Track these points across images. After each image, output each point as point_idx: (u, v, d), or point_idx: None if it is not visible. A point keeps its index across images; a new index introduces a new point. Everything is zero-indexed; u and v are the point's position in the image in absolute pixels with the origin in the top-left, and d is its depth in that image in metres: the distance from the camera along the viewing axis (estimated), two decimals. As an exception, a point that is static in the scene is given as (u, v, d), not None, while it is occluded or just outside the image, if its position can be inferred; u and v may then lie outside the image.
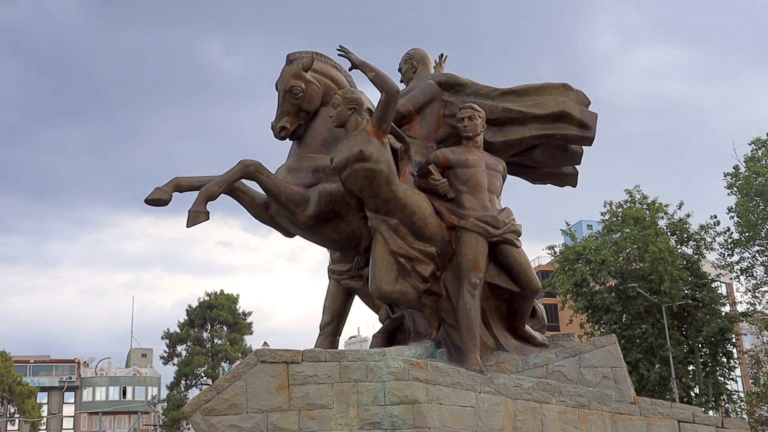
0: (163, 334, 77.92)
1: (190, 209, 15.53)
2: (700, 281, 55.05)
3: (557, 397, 15.51)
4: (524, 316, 16.95)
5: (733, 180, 53.67)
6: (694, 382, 54.86)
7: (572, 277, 54.29)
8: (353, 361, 14.55)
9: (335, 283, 17.35)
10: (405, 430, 14.01)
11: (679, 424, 15.93)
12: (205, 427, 14.17)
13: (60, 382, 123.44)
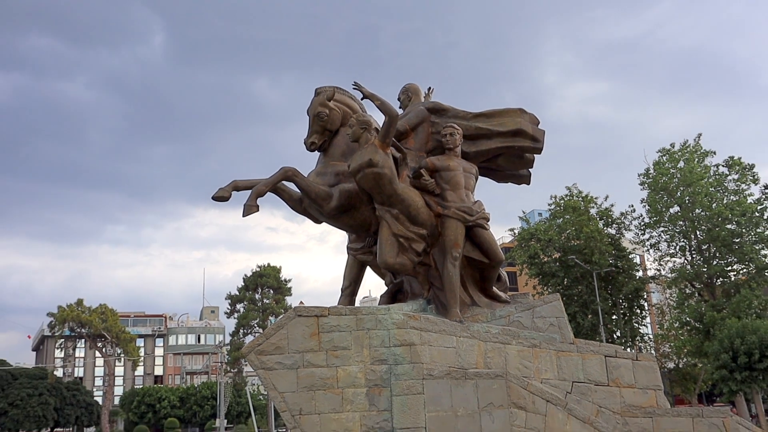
0: (226, 295, 78.02)
1: (245, 203, 15.70)
2: (620, 253, 55.22)
3: (517, 340, 15.46)
4: (492, 280, 16.98)
5: (645, 179, 53.73)
6: (616, 327, 54.95)
7: (527, 251, 54.45)
8: (366, 314, 14.53)
9: (352, 257, 17.37)
10: (404, 364, 14.00)
11: (605, 358, 15.85)
12: (258, 363, 14.19)
13: (152, 331, 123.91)
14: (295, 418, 13.84)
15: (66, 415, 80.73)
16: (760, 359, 42.58)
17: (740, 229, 50.30)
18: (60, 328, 74.54)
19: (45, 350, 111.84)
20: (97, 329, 70.51)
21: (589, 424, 14.25)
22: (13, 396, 75.02)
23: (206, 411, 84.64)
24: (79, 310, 71.62)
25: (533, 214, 63.10)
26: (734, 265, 51.71)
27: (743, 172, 51.52)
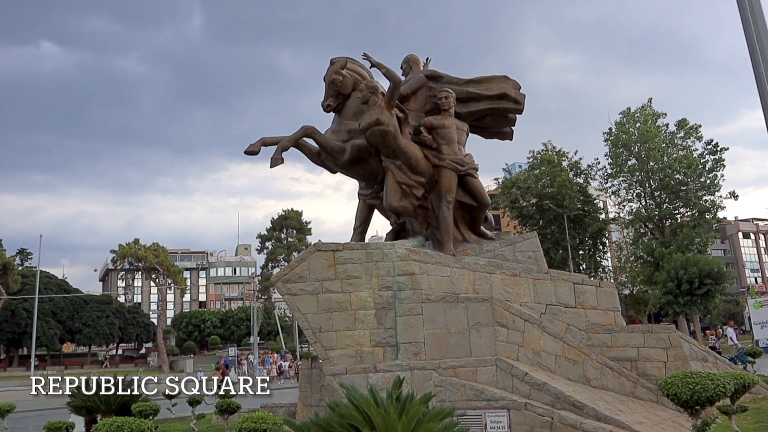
0: (257, 235, 78.32)
1: (272, 156, 15.54)
2: (587, 199, 55.05)
3: (500, 270, 15.43)
4: (480, 220, 16.91)
5: (608, 136, 53.35)
6: (582, 261, 55.09)
7: (509, 197, 54.27)
8: (374, 249, 14.49)
9: (362, 201, 17.26)
10: (407, 291, 14.00)
11: (573, 285, 15.85)
12: (285, 290, 14.20)
13: (196, 265, 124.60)
14: (316, 334, 13.91)
15: (128, 333, 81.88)
16: (699, 286, 43.10)
17: (686, 179, 50.29)
18: (121, 263, 75.03)
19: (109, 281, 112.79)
20: (151, 263, 70.91)
21: (559, 339, 14.30)
22: (86, 317, 76.00)
23: (242, 330, 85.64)
24: (135, 247, 71.94)
25: (514, 166, 62.62)
26: (680, 209, 51.80)
27: (690, 131, 51.35)
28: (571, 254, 51.61)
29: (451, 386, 12.81)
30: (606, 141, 53.49)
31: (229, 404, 19.54)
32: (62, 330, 74.63)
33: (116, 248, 73.17)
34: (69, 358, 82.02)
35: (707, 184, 50.03)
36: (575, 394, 12.73)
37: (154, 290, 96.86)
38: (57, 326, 73.43)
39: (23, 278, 68.31)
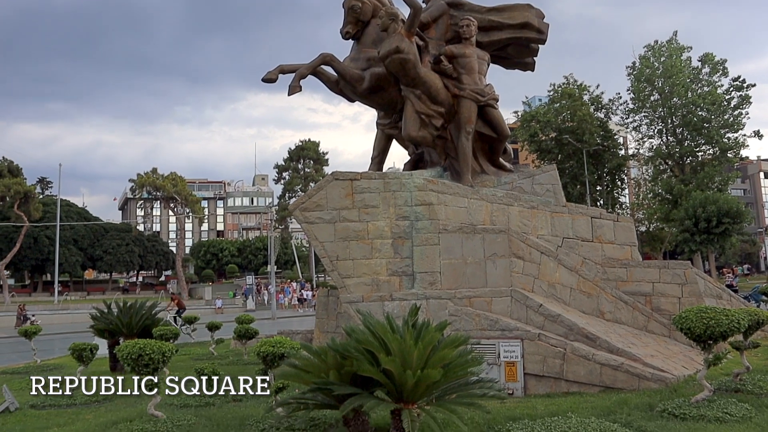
0: (274, 165, 78.30)
1: (289, 84, 15.29)
2: (607, 134, 54.17)
3: (518, 202, 15.34)
4: (499, 152, 16.72)
5: (631, 71, 52.15)
6: (600, 197, 54.71)
7: (528, 131, 53.50)
8: (392, 179, 14.41)
9: (381, 131, 17.08)
10: (424, 221, 13.98)
11: (591, 219, 15.76)
12: (302, 218, 14.23)
13: (214, 194, 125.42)
14: (333, 262, 14.01)
15: (148, 261, 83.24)
16: (716, 225, 42.88)
17: (710, 116, 49.30)
18: (139, 192, 75.59)
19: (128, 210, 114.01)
20: (169, 192, 71.31)
21: (574, 272, 14.31)
22: (106, 245, 77.17)
23: (259, 259, 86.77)
24: (154, 177, 72.24)
25: (534, 99, 61.53)
26: (702, 147, 50.95)
27: (715, 67, 49.98)
28: (588, 190, 51.28)
29: (466, 316, 12.92)
30: (629, 75, 52.35)
31: (246, 330, 19.97)
32: (84, 257, 75.94)
33: (135, 177, 73.55)
34: (91, 285, 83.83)
35: (731, 122, 49.07)
36: (588, 327, 12.82)
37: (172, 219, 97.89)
38: (79, 253, 74.69)
39: (44, 206, 69.08)
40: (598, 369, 11.88)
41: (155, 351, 10.46)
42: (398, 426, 8.68)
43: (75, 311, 49.53)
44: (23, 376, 18.51)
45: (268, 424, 9.98)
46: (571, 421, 8.99)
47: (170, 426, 10.37)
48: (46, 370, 19.49)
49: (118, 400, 13.67)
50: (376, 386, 8.69)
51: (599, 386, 11.85)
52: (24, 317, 44.18)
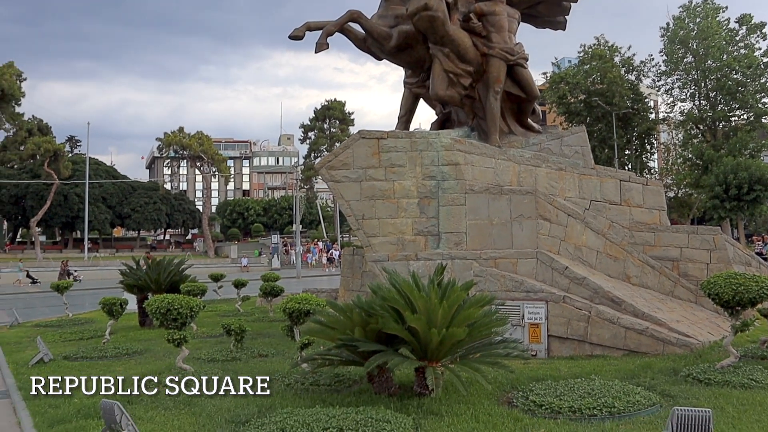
0: (300, 125, 78.31)
1: (317, 41, 15.11)
2: (637, 97, 53.06)
3: (546, 163, 15.17)
4: (528, 113, 16.48)
5: (665, 32, 50.85)
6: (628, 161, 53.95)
7: (556, 93, 52.60)
8: (419, 138, 14.31)
9: (408, 90, 16.89)
10: (450, 181, 13.90)
11: (620, 182, 15.56)
12: (328, 177, 14.23)
13: (240, 154, 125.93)
14: (359, 221, 14.02)
15: (175, 219, 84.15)
16: (747, 192, 42.13)
17: (745, 80, 48.01)
18: (166, 151, 76.14)
19: (156, 168, 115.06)
20: (196, 151, 71.73)
21: (601, 235, 14.18)
22: (134, 203, 78.09)
23: (284, 219, 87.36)
24: (180, 135, 72.62)
25: (564, 60, 60.34)
26: (736, 111, 49.78)
27: (753, 29, 48.49)
28: (617, 154, 50.54)
29: (491, 276, 12.91)
30: (662, 37, 51.04)
31: (272, 288, 20.20)
32: (112, 215, 77.00)
33: (161, 136, 74.04)
34: (119, 242, 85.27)
35: (767, 86, 47.81)
36: (614, 290, 12.75)
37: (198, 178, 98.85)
38: (107, 211, 75.74)
39: (73, 165, 69.93)
40: (622, 333, 11.85)
41: (183, 306, 10.62)
42: (422, 383, 8.77)
43: (104, 267, 50.45)
44: (56, 329, 18.99)
45: (294, 379, 10.13)
46: (595, 383, 8.99)
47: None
48: (78, 324, 19.97)
49: (147, 353, 14.00)
50: (400, 344, 8.76)
51: (623, 350, 11.82)
52: (67, 273, 45.32)
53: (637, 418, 7.82)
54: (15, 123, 63.80)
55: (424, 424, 7.69)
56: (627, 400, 8.26)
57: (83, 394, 10.04)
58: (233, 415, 8.34)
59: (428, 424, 7.69)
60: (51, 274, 43.69)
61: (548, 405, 8.17)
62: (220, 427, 7.91)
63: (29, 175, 68.19)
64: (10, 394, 10.60)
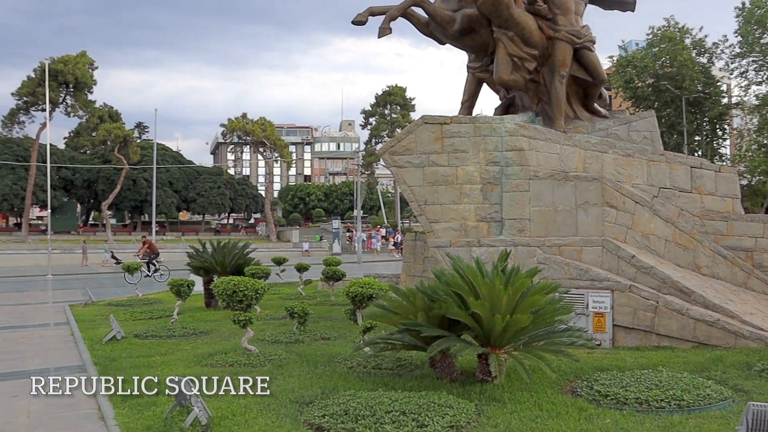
0: (361, 110, 78.51)
1: (380, 26, 15.09)
2: (709, 81, 51.00)
3: (613, 149, 14.80)
4: (594, 97, 16.07)
5: (740, 11, 48.66)
6: (698, 147, 52.06)
7: (623, 77, 51.05)
8: (483, 123, 14.16)
9: (471, 75, 16.68)
10: (514, 167, 13.71)
11: (691, 168, 15.06)
12: (391, 162, 14.25)
13: (302, 139, 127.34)
14: (421, 207, 14.02)
15: (238, 204, 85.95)
16: (828, 179, 40.11)
17: (827, 61, 45.58)
18: (230, 136, 77.49)
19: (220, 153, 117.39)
20: (259, 137, 72.77)
21: (670, 223, 13.78)
22: (199, 188, 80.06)
23: (345, 204, 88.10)
24: (244, 122, 73.78)
25: (631, 43, 58.38)
26: (816, 95, 47.34)
27: (838, 5, 45.88)
28: (686, 140, 48.81)
29: (555, 264, 12.72)
30: (737, 17, 48.82)
31: (334, 272, 20.44)
32: (178, 199, 79.14)
33: (225, 122, 75.45)
34: (185, 225, 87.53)
35: None
36: (683, 280, 12.39)
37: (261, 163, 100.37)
38: (174, 195, 77.88)
39: (142, 150, 72.11)
40: (691, 324, 11.52)
41: (249, 288, 10.86)
42: (484, 370, 8.75)
43: (171, 250, 51.95)
44: (126, 308, 19.71)
45: (356, 362, 10.25)
46: (662, 375, 8.78)
47: (263, 359, 10.82)
48: (147, 304, 20.68)
49: (212, 333, 14.40)
50: (463, 330, 8.76)
51: (692, 342, 11.51)
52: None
53: (707, 412, 7.61)
54: (87, 110, 66.15)
55: (486, 411, 7.67)
56: (697, 393, 8.04)
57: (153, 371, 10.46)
58: (297, 395, 8.50)
59: (491, 411, 7.67)
60: (125, 255, 45.45)
61: (614, 395, 8.03)
62: (285, 407, 8.07)
63: (100, 160, 70.72)
64: (86, 369, 11.08)
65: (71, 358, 12.34)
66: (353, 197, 70.32)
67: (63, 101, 63.40)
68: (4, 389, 10.00)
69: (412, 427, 6.88)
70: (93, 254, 49.19)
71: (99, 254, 49.04)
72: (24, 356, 12.71)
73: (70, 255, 50.09)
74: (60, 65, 59.83)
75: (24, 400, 9.23)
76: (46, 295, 25.52)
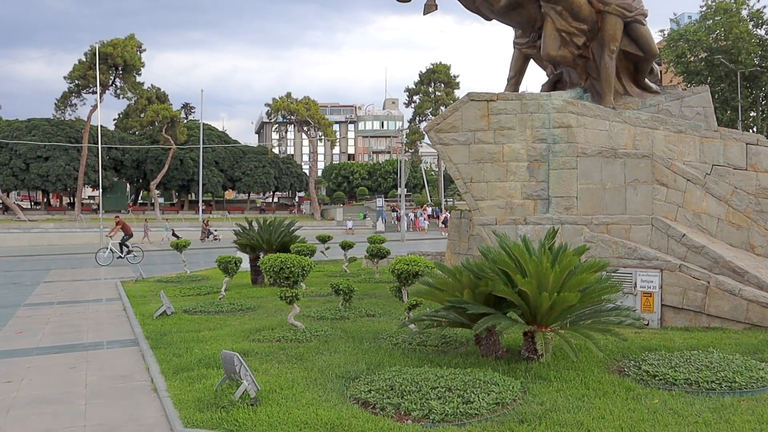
0: (405, 89, 78.15)
1: (425, 3, 14.93)
2: (766, 54, 49.21)
3: (664, 126, 14.44)
4: (645, 72, 15.67)
5: (800, -19, 46.75)
6: (753, 123, 50.41)
7: (675, 51, 49.61)
8: (530, 100, 13.96)
9: (518, 51, 16.42)
10: (561, 144, 13.51)
11: (746, 145, 14.57)
12: (436, 139, 14.19)
13: (345, 118, 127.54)
14: (467, 184, 13.95)
15: (283, 183, 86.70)
16: None
17: None
18: (274, 116, 78.03)
19: (264, 133, 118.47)
20: (303, 116, 73.13)
21: (724, 202, 13.42)
22: (245, 167, 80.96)
23: (389, 182, 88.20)
24: (288, 101, 74.18)
25: (683, 16, 56.66)
26: None
27: None
28: (741, 116, 47.28)
29: (603, 242, 12.55)
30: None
31: (379, 249, 20.54)
32: (224, 178, 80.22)
33: (270, 102, 76.01)
34: (231, 204, 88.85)
35: None
36: (736, 260, 12.09)
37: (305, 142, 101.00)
38: (219, 174, 78.97)
39: (188, 130, 73.29)
40: (744, 305, 11.26)
41: (295, 265, 11.00)
42: (530, 348, 8.73)
43: (219, 228, 52.95)
44: (175, 284, 20.19)
45: (401, 339, 10.32)
46: (713, 356, 8.63)
47: (308, 335, 10.98)
48: (195, 280, 21.13)
49: (259, 309, 14.65)
50: (509, 307, 8.74)
51: (744, 323, 11.25)
52: (208, 231, 48.69)
53: (761, 395, 7.45)
54: (136, 92, 67.56)
55: (532, 388, 7.67)
56: (749, 375, 7.88)
57: (203, 345, 10.73)
58: (343, 371, 8.62)
59: (536, 389, 7.66)
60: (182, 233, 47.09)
61: (662, 376, 7.93)
62: (331, 382, 8.20)
63: (149, 140, 72.11)
64: (138, 342, 11.42)
65: (124, 333, 12.72)
66: (397, 175, 70.22)
67: (112, 83, 64.88)
68: (62, 361, 10.39)
69: (457, 403, 6.92)
70: (155, 232, 50.72)
71: (159, 232, 50.53)
72: (79, 330, 13.16)
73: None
74: (109, 48, 61.14)
75: (81, 372, 9.59)
76: (99, 272, 26.27)
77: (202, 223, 52.31)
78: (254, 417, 6.91)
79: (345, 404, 7.33)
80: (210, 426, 6.85)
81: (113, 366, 9.95)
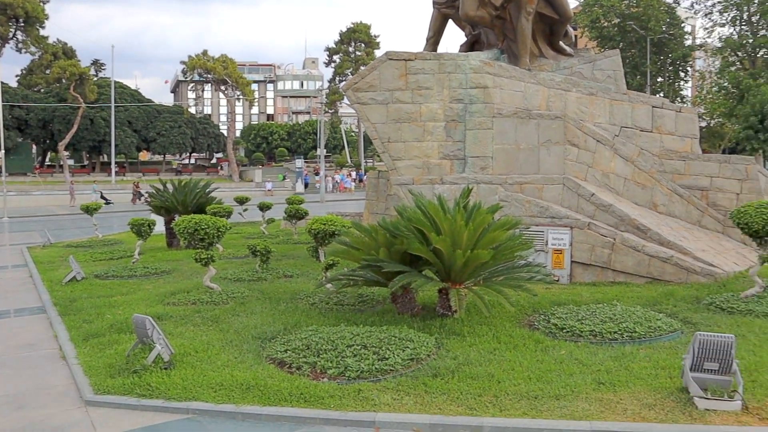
0: (325, 48, 77.10)
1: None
2: (674, 21, 51.11)
3: (576, 88, 14.84)
4: (560, 35, 15.99)
5: (707, -51, 48.49)
6: (660, 88, 52.49)
7: (590, 16, 50.82)
8: (447, 60, 14.02)
9: (437, 11, 16.41)
10: (478, 104, 13.69)
11: (652, 108, 15.20)
12: (354, 99, 14.09)
13: (264, 77, 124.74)
14: (385, 144, 13.96)
15: (200, 143, 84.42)
16: (784, 124, 40.86)
17: (792, 4, 45.76)
18: (191, 74, 75.36)
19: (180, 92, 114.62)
20: (220, 75, 70.99)
21: (630, 162, 13.99)
22: (159, 127, 78.24)
23: (308, 143, 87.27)
24: (204, 59, 71.76)
25: (598, -18, 58.03)
26: (779, 38, 47.69)
27: (804, -53, 45.87)
28: (649, 81, 49.13)
29: (516, 201, 12.87)
30: (705, -45, 48.74)
31: (297, 210, 20.39)
32: (138, 139, 77.36)
33: (186, 60, 73.40)
34: (145, 166, 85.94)
35: (815, 13, 45.65)
36: (640, 218, 12.67)
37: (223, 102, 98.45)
38: (133, 135, 76.06)
39: (99, 88, 69.84)
40: (646, 260, 11.85)
41: (210, 226, 10.78)
42: (445, 304, 8.92)
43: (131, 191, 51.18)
44: (86, 249, 19.47)
45: (318, 299, 10.35)
46: (617, 309, 9.07)
47: (225, 297, 10.85)
48: (107, 245, 20.45)
49: (174, 273, 14.34)
50: (424, 265, 8.87)
51: (646, 278, 11.85)
52: (139, 194, 46.77)
53: (657, 343, 7.91)
54: (40, 46, 63.59)
55: (446, 344, 7.86)
56: (648, 325, 8.34)
57: (115, 310, 10.42)
58: (260, 332, 8.58)
59: (450, 344, 7.85)
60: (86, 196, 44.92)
61: (569, 328, 8.29)
62: (247, 343, 8.15)
63: (56, 99, 68.42)
64: (46, 310, 10.99)
65: (31, 300, 12.23)
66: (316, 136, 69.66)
67: (13, 36, 60.84)
68: (-39, 329, 9.90)
69: (373, 360, 7.02)
70: (81, 195, 48.31)
71: (87, 195, 48.15)
72: (-19, 297, 12.55)
73: (26, 197, 49.04)
74: (8, -2, 57.20)
75: (-18, 340, 9.17)
76: (3, 238, 25.04)
77: (132, 185, 50.34)
78: (168, 380, 6.80)
79: (261, 365, 7.31)
80: (122, 392, 6.71)
81: (19, 335, 9.56)
